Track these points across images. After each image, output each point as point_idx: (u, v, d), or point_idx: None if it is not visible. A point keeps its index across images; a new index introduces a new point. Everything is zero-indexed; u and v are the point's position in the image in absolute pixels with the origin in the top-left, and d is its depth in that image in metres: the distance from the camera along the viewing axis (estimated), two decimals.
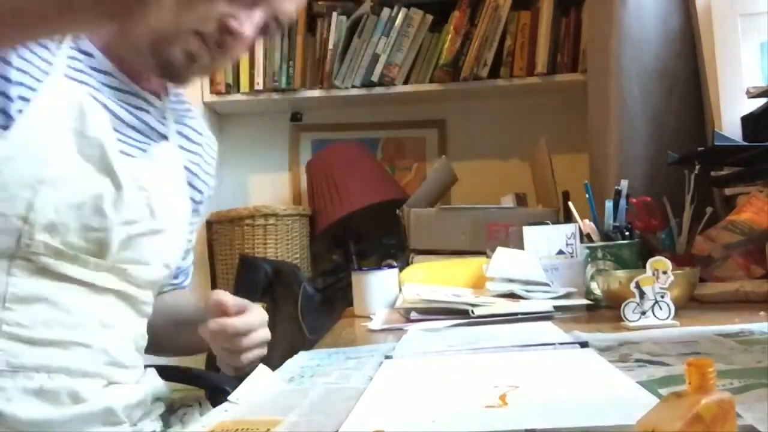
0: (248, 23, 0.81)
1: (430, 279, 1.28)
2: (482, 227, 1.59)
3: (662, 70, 1.56)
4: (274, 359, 0.81)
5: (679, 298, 0.92)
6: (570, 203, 1.31)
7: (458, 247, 1.58)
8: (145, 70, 0.87)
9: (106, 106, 0.82)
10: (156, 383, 0.91)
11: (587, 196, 1.24)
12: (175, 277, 1.06)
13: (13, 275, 0.70)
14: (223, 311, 0.84)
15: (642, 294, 0.86)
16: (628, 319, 0.86)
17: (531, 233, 1.23)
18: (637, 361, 0.64)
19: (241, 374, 0.81)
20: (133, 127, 0.87)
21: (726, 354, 0.64)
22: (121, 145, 0.82)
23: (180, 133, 0.97)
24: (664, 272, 0.86)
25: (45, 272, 0.73)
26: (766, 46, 1.44)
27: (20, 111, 0.73)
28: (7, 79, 0.73)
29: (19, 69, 0.74)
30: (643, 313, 0.86)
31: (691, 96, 1.56)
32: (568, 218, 1.37)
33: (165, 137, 0.92)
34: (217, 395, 1.06)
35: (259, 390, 0.64)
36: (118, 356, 0.81)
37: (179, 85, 0.89)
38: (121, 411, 0.80)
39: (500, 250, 1.21)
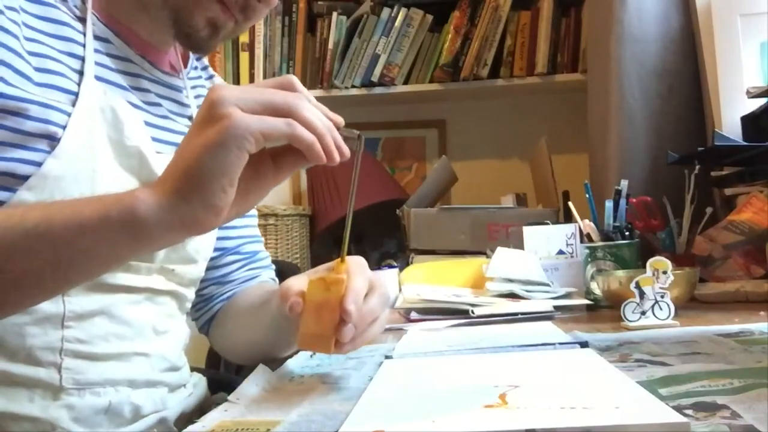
0: None
1: (430, 279, 1.28)
2: (482, 227, 1.59)
3: (662, 70, 1.56)
4: (274, 359, 0.81)
5: (679, 298, 0.92)
6: (570, 203, 1.31)
7: (458, 247, 1.58)
8: (166, 43, 0.82)
9: (136, 105, 0.77)
10: (203, 387, 0.90)
11: (587, 196, 1.24)
12: (249, 260, 0.99)
13: (68, 294, 0.68)
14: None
15: (642, 294, 0.86)
16: (628, 319, 0.86)
17: (531, 233, 1.23)
18: (637, 361, 0.64)
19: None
20: (163, 117, 0.82)
21: (726, 354, 0.64)
22: (156, 145, 0.78)
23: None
24: (664, 272, 0.86)
25: (99, 286, 0.71)
26: (766, 46, 1.44)
27: (64, 127, 0.68)
28: (46, 105, 0.67)
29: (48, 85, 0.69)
30: (643, 313, 0.86)
31: (691, 96, 1.56)
32: (568, 218, 1.37)
33: (190, 118, 0.87)
34: (216, 393, 1.06)
35: (259, 390, 0.64)
36: (173, 359, 0.81)
37: (203, 54, 0.86)
38: (174, 419, 0.79)
39: (500, 250, 1.21)
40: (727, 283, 1.10)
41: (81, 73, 0.72)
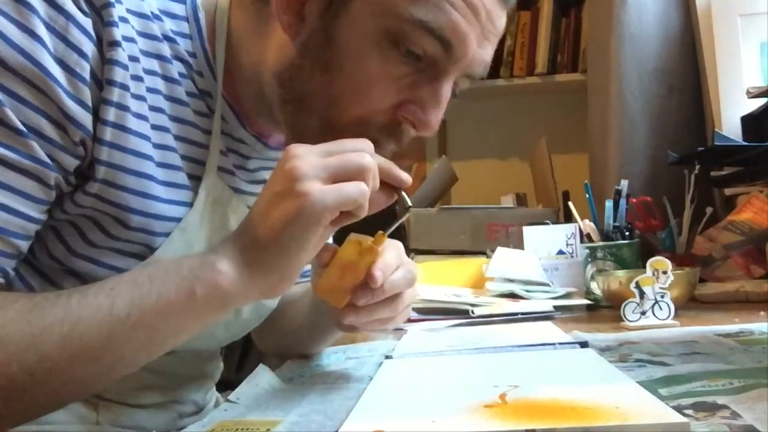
0: (435, 113, 0.62)
1: (430, 279, 1.28)
2: (482, 227, 1.59)
3: (662, 70, 1.56)
4: (274, 359, 0.81)
5: (679, 298, 0.92)
6: (570, 203, 1.31)
7: (458, 247, 1.58)
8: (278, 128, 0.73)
9: (238, 190, 0.70)
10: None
11: (587, 196, 1.24)
12: None
13: None
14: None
15: (642, 294, 0.86)
16: (628, 319, 0.86)
17: (531, 233, 1.23)
18: (637, 361, 0.64)
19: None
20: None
21: (726, 354, 0.64)
22: None
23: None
24: (664, 272, 0.86)
25: None
26: (766, 46, 1.44)
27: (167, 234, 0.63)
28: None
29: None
30: (643, 313, 0.86)
31: (691, 96, 1.56)
32: (568, 218, 1.37)
33: None
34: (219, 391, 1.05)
35: (259, 390, 0.64)
36: (200, 401, 0.83)
37: None
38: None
39: (500, 250, 1.21)
40: (727, 283, 1.10)
41: (202, 164, 0.65)
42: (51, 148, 0.54)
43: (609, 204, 1.19)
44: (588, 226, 1.21)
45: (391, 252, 0.64)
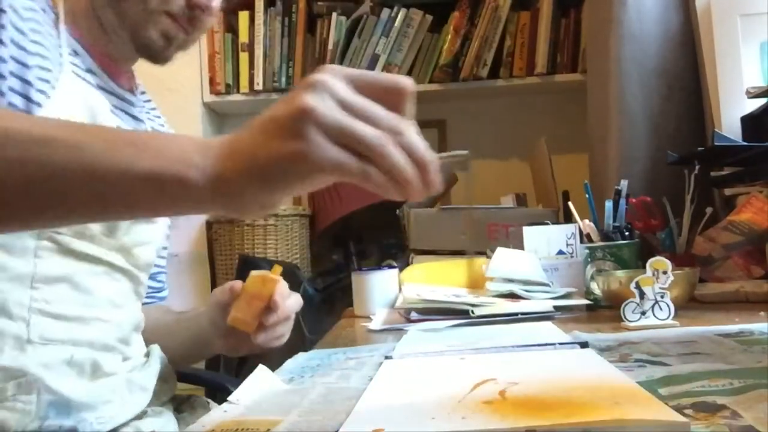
0: None
1: (430, 279, 1.28)
2: (482, 227, 1.59)
3: (662, 70, 1.56)
4: (274, 359, 0.81)
5: (679, 298, 0.92)
6: (570, 203, 1.31)
7: (458, 247, 1.58)
8: (124, 62, 0.91)
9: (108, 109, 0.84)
10: (162, 356, 0.93)
11: (587, 196, 1.24)
12: (158, 291, 1.09)
13: (39, 257, 0.73)
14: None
15: (642, 294, 0.86)
16: (628, 319, 0.86)
17: (531, 233, 1.23)
18: (637, 361, 0.64)
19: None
20: (128, 127, 0.89)
21: (726, 354, 0.64)
22: None
23: (153, 129, 0.99)
24: (664, 272, 0.86)
25: (67, 252, 0.76)
26: (766, 46, 1.43)
27: (40, 105, 0.73)
28: (26, 65, 0.73)
29: (37, 54, 0.75)
30: (643, 313, 0.86)
31: (691, 96, 1.56)
32: (568, 218, 1.37)
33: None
34: (216, 395, 1.06)
35: (259, 390, 0.64)
36: (126, 335, 0.85)
37: (161, 64, 0.91)
38: (139, 382, 0.84)
39: (500, 250, 1.21)
40: (727, 283, 1.10)
41: (61, 65, 0.78)
42: None
43: (609, 204, 1.19)
44: (588, 226, 1.21)
45: (284, 283, 0.85)
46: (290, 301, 0.88)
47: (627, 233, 1.18)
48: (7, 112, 0.67)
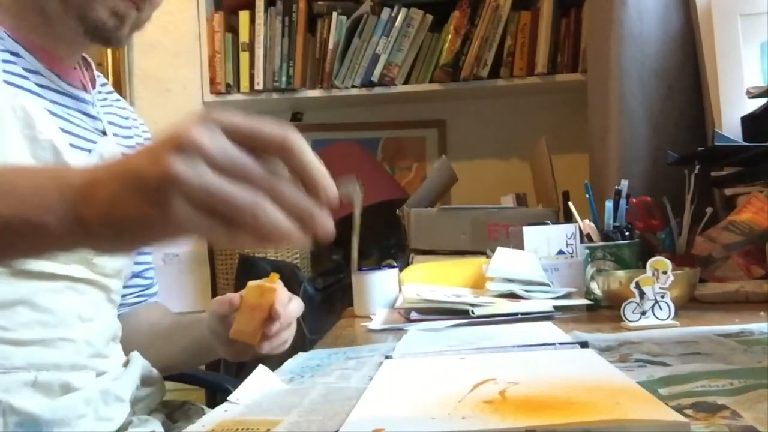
0: None
1: (430, 279, 1.28)
2: (482, 227, 1.59)
3: (662, 70, 1.56)
4: (274, 359, 0.81)
5: (679, 298, 0.92)
6: (570, 203, 1.31)
7: (458, 247, 1.58)
8: (72, 55, 0.88)
9: (48, 110, 0.80)
10: (143, 363, 0.91)
11: (587, 196, 1.24)
12: (147, 288, 1.07)
13: None
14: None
15: (642, 294, 0.86)
16: (628, 319, 0.86)
17: (531, 233, 1.23)
18: (637, 361, 0.64)
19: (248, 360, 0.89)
20: (74, 124, 0.86)
21: (726, 354, 0.64)
22: (71, 145, 0.82)
23: (111, 123, 0.95)
24: (664, 272, 0.86)
25: (21, 273, 0.73)
26: (766, 46, 1.43)
27: None
28: None
29: None
30: (643, 313, 0.86)
31: (691, 96, 1.56)
32: (568, 218, 1.36)
33: (104, 132, 0.91)
34: (216, 395, 1.06)
35: (259, 390, 0.64)
36: (100, 347, 0.82)
37: (116, 46, 0.89)
38: (114, 393, 0.81)
39: (500, 250, 1.21)
40: (727, 283, 1.10)
41: None
42: None
43: (609, 204, 1.19)
44: (588, 226, 1.21)
45: (283, 289, 0.82)
46: (291, 307, 0.85)
47: (627, 233, 1.18)
48: None
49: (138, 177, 0.44)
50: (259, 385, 0.65)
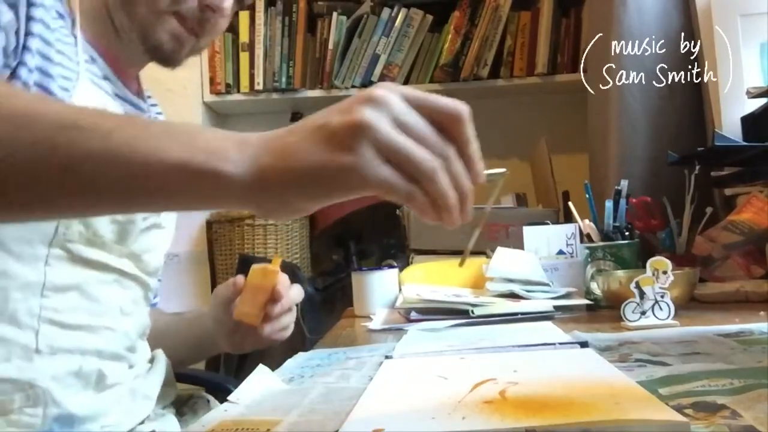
0: None
1: (430, 279, 1.28)
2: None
3: (662, 70, 1.56)
4: (274, 359, 0.81)
5: (679, 298, 0.92)
6: (570, 203, 1.31)
7: (458, 247, 1.57)
8: (135, 66, 0.90)
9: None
10: (167, 361, 0.94)
11: (587, 196, 1.24)
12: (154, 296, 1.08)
13: (50, 265, 0.72)
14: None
15: (642, 294, 0.86)
16: (628, 319, 0.86)
17: (531, 233, 1.23)
18: (637, 361, 0.64)
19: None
20: None
21: (726, 354, 0.64)
22: None
23: None
24: (664, 272, 0.86)
25: (78, 260, 0.75)
26: (766, 46, 1.43)
27: None
28: (50, 75, 0.72)
29: (59, 64, 0.74)
30: (643, 313, 0.86)
31: (691, 96, 1.56)
32: (568, 218, 1.36)
33: None
34: (216, 395, 1.06)
35: (259, 390, 0.64)
36: (134, 341, 0.85)
37: (173, 67, 0.90)
38: (143, 391, 0.84)
39: (500, 250, 1.21)
40: (727, 283, 1.10)
41: (78, 73, 0.77)
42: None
43: (609, 204, 1.19)
44: (588, 226, 1.21)
45: (285, 274, 0.88)
46: (293, 292, 0.91)
47: (627, 233, 1.18)
48: (38, 96, 0.66)
49: (326, 127, 0.47)
50: (259, 385, 0.65)
